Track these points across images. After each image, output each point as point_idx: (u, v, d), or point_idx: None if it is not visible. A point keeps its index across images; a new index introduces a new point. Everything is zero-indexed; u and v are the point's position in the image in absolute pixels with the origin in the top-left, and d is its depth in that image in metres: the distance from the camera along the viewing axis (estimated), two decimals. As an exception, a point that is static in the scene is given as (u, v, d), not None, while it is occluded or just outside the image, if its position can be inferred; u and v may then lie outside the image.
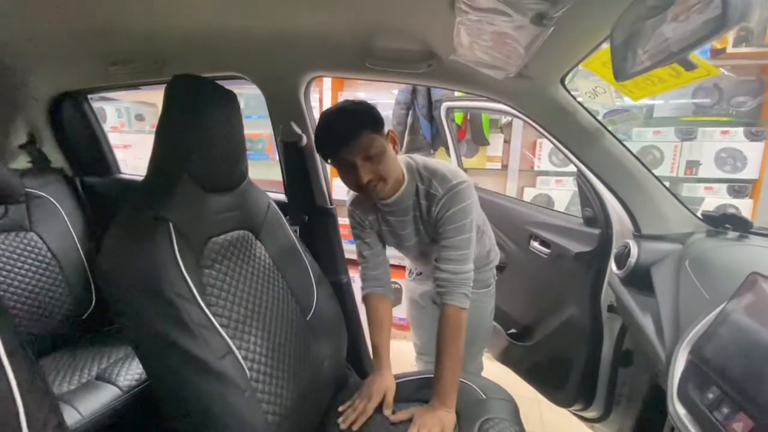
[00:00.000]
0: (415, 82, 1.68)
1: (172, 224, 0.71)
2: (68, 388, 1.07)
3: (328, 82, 2.30)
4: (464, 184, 0.94)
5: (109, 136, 1.69)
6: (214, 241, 0.82)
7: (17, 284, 1.20)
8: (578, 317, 1.25)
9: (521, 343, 1.53)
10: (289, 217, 1.15)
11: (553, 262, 1.35)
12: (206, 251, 0.80)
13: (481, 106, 1.58)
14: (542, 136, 1.07)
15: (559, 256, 1.32)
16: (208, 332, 0.70)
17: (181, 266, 0.69)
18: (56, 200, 1.38)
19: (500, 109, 1.24)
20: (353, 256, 1.15)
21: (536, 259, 1.42)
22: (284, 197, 1.36)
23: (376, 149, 0.85)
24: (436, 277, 0.95)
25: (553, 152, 2.17)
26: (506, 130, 2.22)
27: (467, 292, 0.93)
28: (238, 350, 0.75)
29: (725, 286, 0.67)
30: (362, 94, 2.38)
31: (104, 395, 1.04)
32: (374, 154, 0.85)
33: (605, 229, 1.17)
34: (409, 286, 1.39)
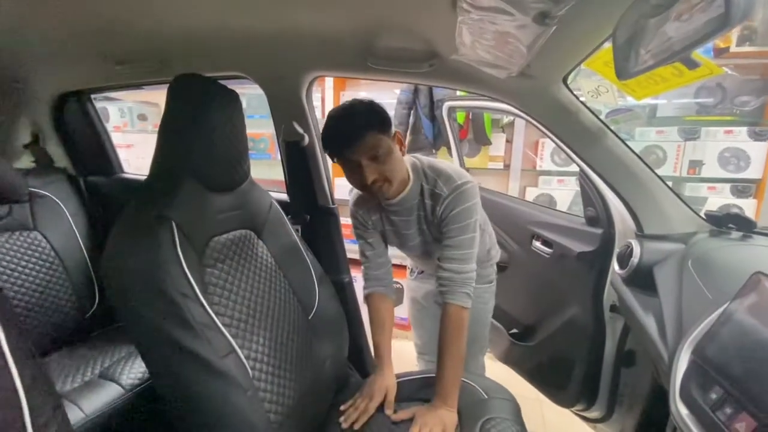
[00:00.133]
0: (417, 81, 1.68)
1: (174, 223, 0.71)
2: (72, 386, 1.08)
3: (330, 81, 2.30)
4: (469, 184, 0.94)
5: (112, 135, 1.69)
6: (216, 240, 0.83)
7: (21, 283, 1.21)
8: (580, 317, 1.25)
9: (523, 343, 1.52)
10: (291, 216, 1.15)
11: (555, 261, 1.35)
12: (208, 250, 0.80)
13: (483, 105, 1.58)
14: (544, 135, 1.07)
15: (561, 255, 1.32)
16: (210, 331, 0.70)
17: (183, 265, 0.70)
18: (60, 199, 1.39)
19: (502, 108, 1.23)
20: (355, 255, 1.15)
21: (538, 258, 1.42)
22: (286, 197, 1.36)
23: (381, 150, 0.85)
24: (438, 276, 0.95)
25: (555, 152, 2.16)
26: (508, 129, 2.22)
27: (469, 291, 0.94)
28: (240, 349, 0.75)
29: (728, 286, 0.67)
30: (364, 93, 2.38)
31: (107, 394, 1.05)
32: (380, 154, 0.86)
33: (608, 228, 1.17)
34: (410, 285, 1.39)
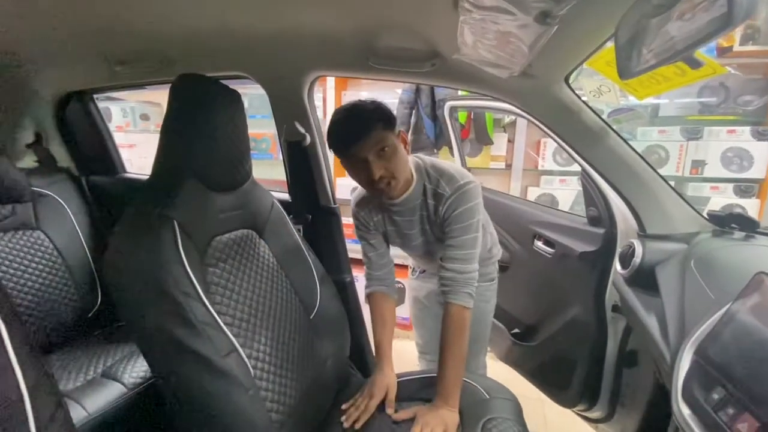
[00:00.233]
0: (418, 81, 1.68)
1: (176, 223, 0.71)
2: (74, 385, 1.08)
3: (331, 81, 2.30)
4: (471, 184, 0.94)
5: (114, 135, 1.70)
6: (218, 239, 0.83)
7: (24, 282, 1.21)
8: (582, 317, 1.25)
9: (525, 342, 1.52)
10: (292, 216, 1.15)
11: (557, 261, 1.35)
12: (210, 250, 0.80)
13: (484, 105, 1.58)
14: (546, 135, 1.07)
15: (563, 255, 1.31)
16: (212, 330, 0.70)
17: (185, 264, 0.70)
18: (63, 199, 1.39)
19: (504, 108, 1.23)
20: (356, 255, 1.15)
21: (540, 258, 1.41)
22: (288, 196, 1.37)
23: (388, 146, 0.86)
24: (440, 276, 0.95)
25: (557, 151, 2.16)
26: (510, 129, 2.21)
27: (472, 291, 0.94)
28: (242, 349, 0.75)
29: (731, 286, 0.67)
30: (366, 93, 2.38)
31: (110, 392, 1.05)
32: (386, 150, 0.86)
33: (610, 228, 1.17)
34: (412, 284, 1.39)
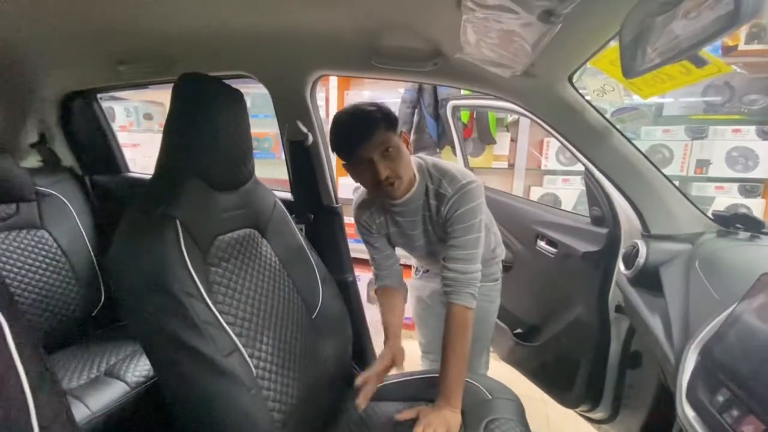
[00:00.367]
0: (421, 80, 1.67)
1: (179, 222, 0.71)
2: (77, 383, 1.08)
3: (334, 81, 2.30)
4: (474, 184, 0.94)
5: (118, 135, 1.70)
6: (220, 239, 0.83)
7: (28, 281, 1.22)
8: (585, 317, 1.24)
9: (527, 343, 1.52)
10: (294, 215, 1.15)
11: (560, 261, 1.34)
12: (213, 249, 0.80)
13: (487, 104, 1.57)
14: (549, 134, 1.06)
15: (566, 255, 1.31)
16: (214, 330, 0.70)
17: (188, 264, 0.70)
18: (66, 198, 1.40)
19: (507, 107, 1.23)
20: (358, 254, 1.15)
21: (543, 258, 1.41)
22: (290, 196, 1.37)
23: (392, 146, 0.87)
24: (443, 276, 0.95)
25: (560, 151, 2.15)
26: (513, 128, 2.21)
27: (474, 291, 0.93)
28: (244, 348, 0.75)
29: (736, 286, 0.66)
30: (368, 93, 2.38)
31: (112, 391, 1.06)
32: (391, 150, 0.87)
33: (613, 228, 1.16)
34: (415, 284, 1.39)
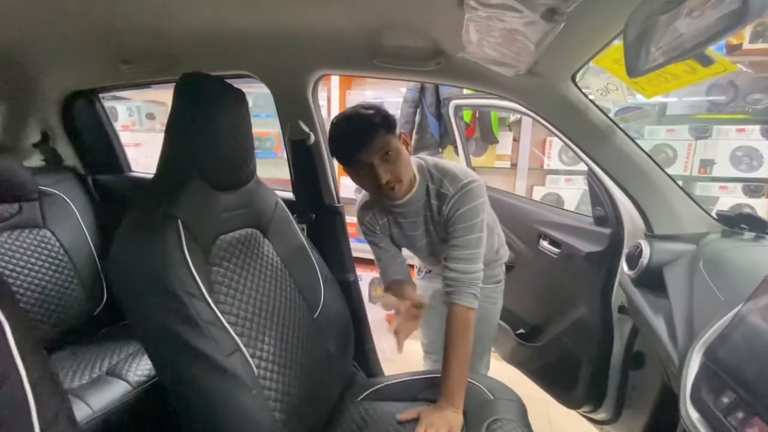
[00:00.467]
0: (423, 79, 1.67)
1: (180, 222, 0.71)
2: (79, 382, 1.09)
3: (336, 80, 2.30)
4: (475, 183, 0.94)
5: (120, 134, 1.71)
6: (222, 238, 0.83)
7: (31, 280, 1.22)
8: (588, 318, 1.24)
9: (530, 343, 1.51)
10: (296, 215, 1.15)
11: (562, 261, 1.33)
12: (215, 249, 0.80)
13: (490, 103, 1.56)
14: (552, 134, 1.06)
15: (569, 255, 1.30)
16: (216, 330, 0.70)
17: (189, 263, 0.70)
18: (69, 198, 1.40)
19: (510, 107, 1.22)
20: (360, 254, 1.14)
21: (545, 258, 1.40)
22: (292, 195, 1.37)
23: (392, 149, 0.86)
24: (445, 276, 0.95)
25: (563, 150, 2.14)
26: (515, 128, 2.20)
27: (476, 292, 0.93)
28: (245, 348, 0.75)
29: (741, 287, 0.66)
30: (370, 92, 2.37)
31: (114, 390, 1.06)
32: (391, 154, 0.86)
33: (616, 228, 1.15)
34: (418, 284, 1.38)
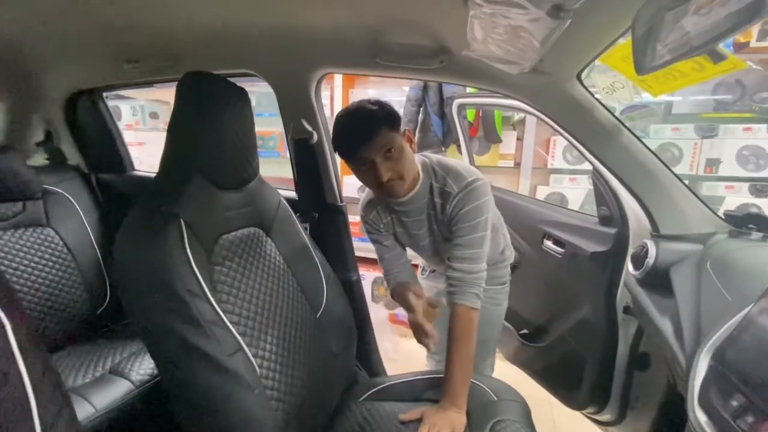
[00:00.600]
0: (426, 78, 1.66)
1: (183, 221, 0.71)
2: (83, 381, 1.09)
3: (339, 79, 2.29)
4: (479, 181, 0.93)
5: (124, 133, 1.71)
6: (224, 238, 0.82)
7: (34, 278, 1.23)
8: (592, 318, 1.23)
9: (533, 344, 1.50)
10: (299, 214, 1.14)
11: (567, 261, 1.32)
12: (217, 248, 0.80)
13: (494, 102, 1.55)
14: (556, 133, 1.05)
15: (573, 255, 1.29)
16: (218, 329, 0.70)
17: (191, 263, 0.70)
18: (72, 196, 1.40)
19: (514, 105, 1.21)
20: (363, 253, 1.14)
21: (550, 258, 1.39)
22: (295, 194, 1.36)
23: (395, 146, 0.85)
24: (448, 275, 0.94)
25: (567, 150, 2.13)
26: (519, 127, 2.19)
27: (479, 292, 0.92)
28: (248, 347, 0.75)
29: (749, 288, 0.65)
30: (373, 91, 2.37)
31: (117, 389, 1.06)
32: (393, 151, 0.85)
33: (622, 228, 1.14)
34: (422, 284, 1.38)
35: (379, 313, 2.36)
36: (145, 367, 1.14)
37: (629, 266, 1.04)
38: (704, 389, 0.56)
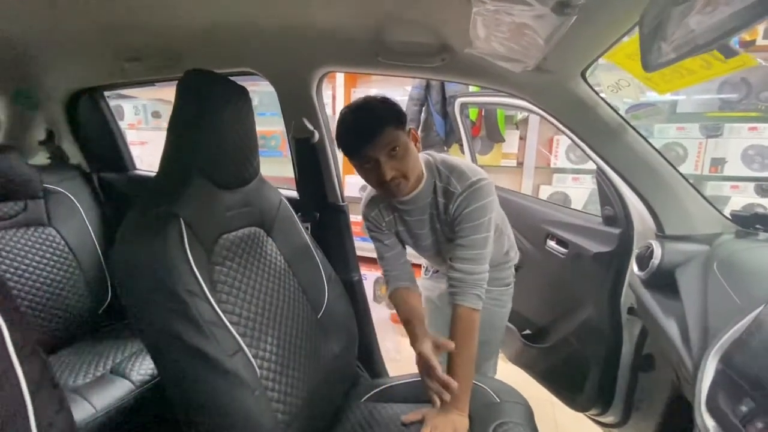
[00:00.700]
0: (428, 76, 1.64)
1: (183, 220, 0.70)
2: (83, 381, 1.09)
3: (341, 78, 2.29)
4: (483, 181, 0.91)
5: (126, 133, 1.71)
6: (225, 237, 0.82)
7: (35, 278, 1.22)
8: (596, 319, 1.22)
9: (536, 344, 1.49)
10: (300, 214, 1.14)
11: (570, 262, 1.31)
12: (217, 248, 0.79)
13: (496, 101, 1.54)
14: (559, 132, 1.04)
15: (577, 255, 1.28)
16: (218, 330, 0.69)
17: (191, 263, 0.69)
18: (73, 196, 1.40)
19: (517, 104, 1.20)
20: (364, 253, 1.13)
21: (553, 258, 1.38)
22: (296, 194, 1.36)
23: (399, 145, 0.84)
24: (449, 276, 0.93)
25: (570, 149, 2.11)
26: (522, 126, 2.18)
27: (480, 293, 0.91)
28: (248, 348, 0.74)
29: (758, 290, 0.64)
30: (375, 90, 2.36)
31: (117, 389, 1.06)
32: (398, 150, 0.84)
33: (626, 228, 1.13)
34: (424, 284, 1.37)
35: (380, 312, 2.35)
36: (145, 367, 1.14)
37: (634, 267, 1.03)
38: (712, 393, 0.55)
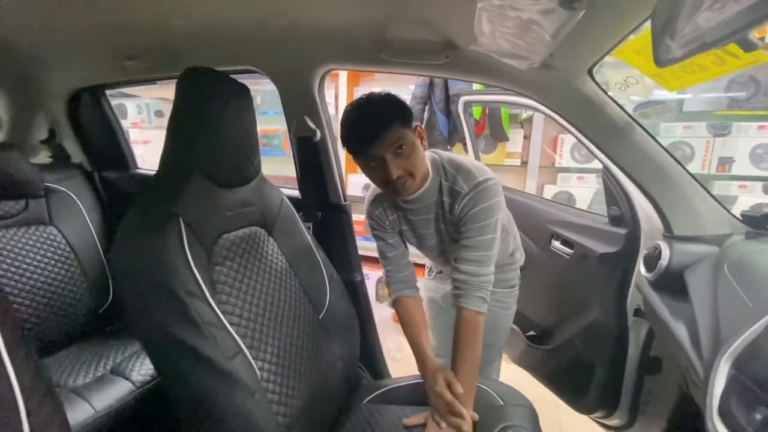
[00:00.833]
0: (432, 74, 1.62)
1: (182, 220, 0.69)
2: (83, 381, 1.08)
3: (343, 77, 2.28)
4: (491, 181, 0.90)
5: (129, 132, 1.70)
6: (225, 237, 0.81)
7: (36, 277, 1.22)
8: (602, 321, 1.20)
9: (541, 346, 1.47)
10: (302, 213, 1.12)
11: (576, 262, 1.30)
12: (217, 248, 0.78)
13: (501, 99, 1.52)
14: (564, 131, 1.02)
15: (582, 256, 1.26)
16: (217, 331, 0.68)
17: (191, 263, 0.68)
18: (75, 195, 1.40)
19: (522, 102, 1.19)
20: (367, 253, 1.11)
21: (558, 259, 1.36)
22: (298, 193, 1.34)
23: (406, 143, 0.82)
24: (454, 278, 0.91)
25: (575, 148, 2.09)
26: (526, 125, 2.16)
27: (485, 296, 0.89)
28: (248, 350, 0.73)
29: (771, 293, 0.62)
30: (378, 89, 2.33)
31: (117, 390, 1.05)
32: (404, 148, 0.82)
33: (633, 229, 1.11)
34: (428, 285, 1.35)
35: (382, 312, 2.34)
36: (145, 367, 1.13)
37: (641, 268, 1.01)
38: (724, 400, 0.53)
